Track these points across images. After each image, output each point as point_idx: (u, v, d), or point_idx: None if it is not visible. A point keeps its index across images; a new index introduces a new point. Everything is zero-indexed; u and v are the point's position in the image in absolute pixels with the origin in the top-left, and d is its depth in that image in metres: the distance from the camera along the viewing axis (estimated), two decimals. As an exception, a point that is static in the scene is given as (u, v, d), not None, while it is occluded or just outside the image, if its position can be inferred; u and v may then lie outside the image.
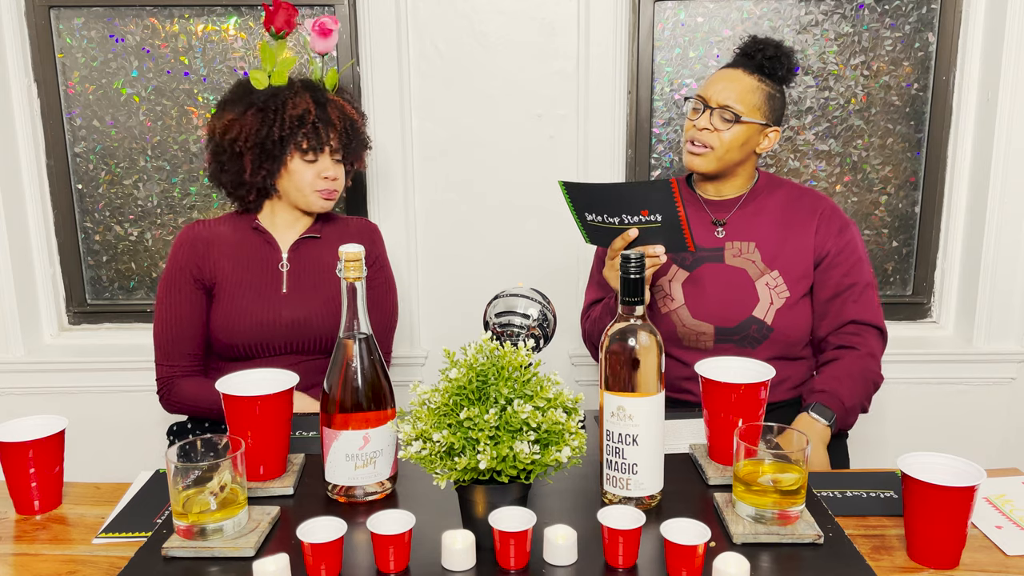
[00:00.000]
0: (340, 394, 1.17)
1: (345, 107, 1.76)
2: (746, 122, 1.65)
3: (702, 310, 1.69)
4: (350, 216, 1.90)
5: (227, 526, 1.07)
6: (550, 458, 1.02)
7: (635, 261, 1.10)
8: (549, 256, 2.27)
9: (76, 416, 1.63)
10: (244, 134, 1.69)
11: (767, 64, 1.68)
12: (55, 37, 2.26)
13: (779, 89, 1.71)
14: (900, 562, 1.09)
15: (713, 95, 1.67)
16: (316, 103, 1.72)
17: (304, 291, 1.74)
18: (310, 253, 1.78)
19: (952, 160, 2.29)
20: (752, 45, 1.71)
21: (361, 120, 1.81)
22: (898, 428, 2.34)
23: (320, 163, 1.72)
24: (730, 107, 1.65)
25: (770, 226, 1.71)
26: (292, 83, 1.75)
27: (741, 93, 1.66)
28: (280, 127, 1.68)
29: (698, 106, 1.69)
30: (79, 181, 2.36)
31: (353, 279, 1.17)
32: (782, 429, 1.14)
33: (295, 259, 1.76)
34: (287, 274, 1.75)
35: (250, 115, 1.69)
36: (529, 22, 2.16)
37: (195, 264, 1.72)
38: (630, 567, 1.01)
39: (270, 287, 1.73)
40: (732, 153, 1.67)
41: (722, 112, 1.65)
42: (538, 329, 1.37)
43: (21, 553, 1.16)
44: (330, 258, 1.78)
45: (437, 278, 2.32)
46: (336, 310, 1.72)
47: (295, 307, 1.72)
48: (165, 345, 1.72)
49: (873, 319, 1.68)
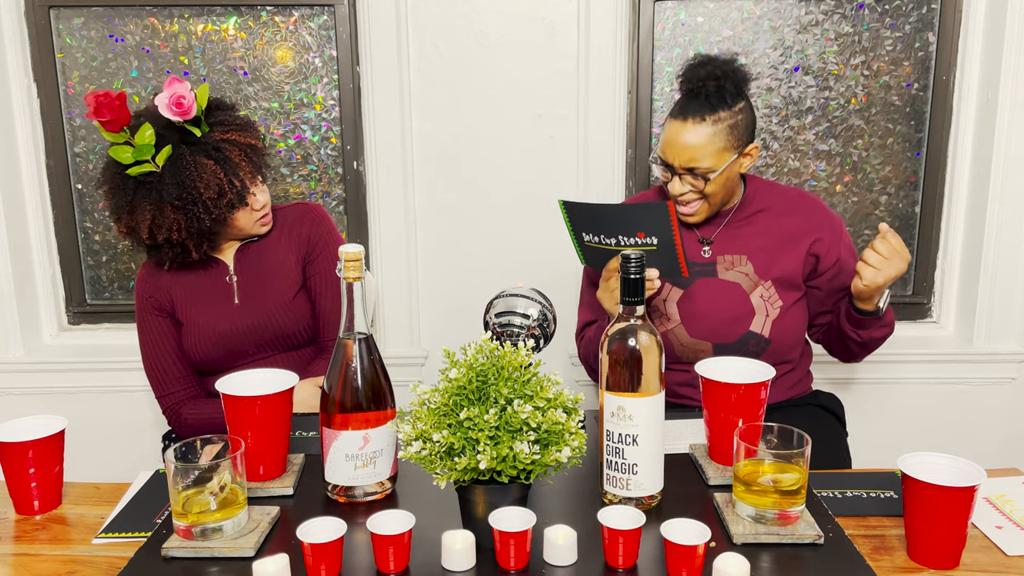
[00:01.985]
0: (340, 394, 1.17)
1: (236, 139, 1.66)
2: (721, 170, 1.57)
3: (699, 328, 1.66)
4: (284, 205, 1.85)
5: (227, 526, 1.07)
6: (550, 458, 1.02)
7: (635, 261, 1.10)
8: (549, 256, 2.27)
9: (76, 416, 1.63)
10: (176, 228, 1.61)
11: (715, 99, 1.56)
12: (55, 37, 2.26)
13: (739, 109, 1.58)
14: (900, 562, 1.09)
15: (675, 159, 1.58)
16: (216, 160, 1.61)
17: (255, 297, 1.75)
18: (253, 256, 1.77)
19: (952, 160, 2.29)
20: (694, 78, 1.58)
21: (250, 132, 1.71)
22: (898, 428, 2.34)
23: (252, 204, 1.69)
24: (696, 168, 1.57)
25: (761, 236, 1.67)
26: (170, 141, 1.59)
27: (701, 148, 1.55)
28: (208, 213, 1.61)
29: (666, 172, 1.61)
30: (79, 181, 2.36)
31: (353, 279, 1.17)
32: (782, 429, 1.14)
33: (241, 268, 1.76)
34: (236, 285, 1.75)
35: (169, 211, 1.60)
36: (529, 22, 2.16)
37: (153, 296, 1.75)
38: (630, 567, 1.01)
39: (222, 302, 1.74)
40: (719, 195, 1.62)
41: (691, 174, 1.58)
42: (538, 329, 1.37)
43: (21, 553, 1.16)
44: (274, 254, 1.77)
45: (437, 278, 2.32)
46: (289, 304, 1.75)
47: (250, 314, 1.73)
48: (157, 377, 1.75)
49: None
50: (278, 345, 1.76)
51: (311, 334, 1.79)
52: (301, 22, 2.25)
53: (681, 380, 1.70)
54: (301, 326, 1.76)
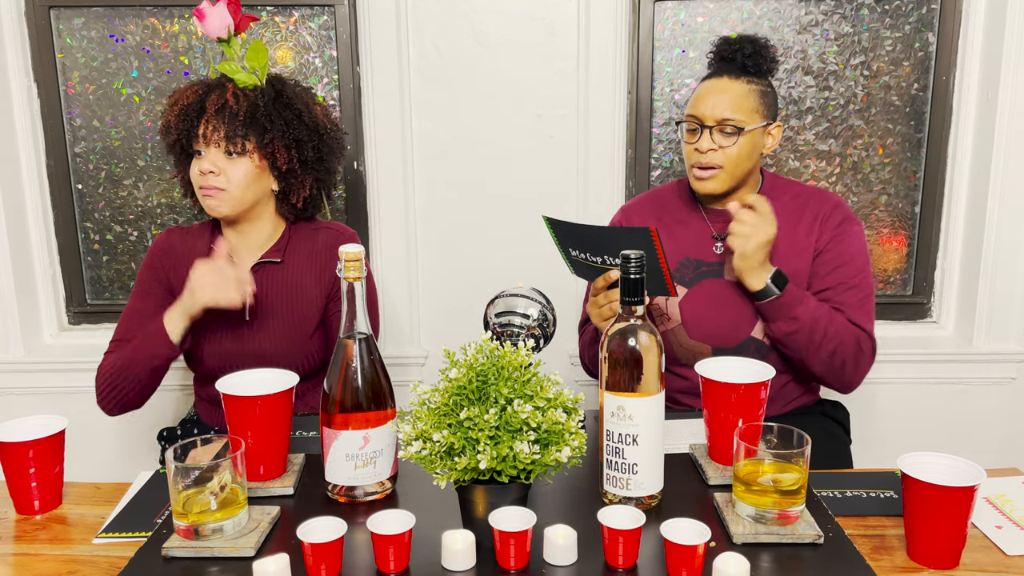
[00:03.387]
0: (340, 394, 1.17)
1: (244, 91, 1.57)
2: (750, 130, 1.59)
3: (700, 331, 1.64)
4: (321, 223, 1.74)
5: (227, 526, 1.07)
6: (550, 458, 1.02)
7: (635, 261, 1.10)
8: (549, 256, 2.26)
9: (76, 416, 1.63)
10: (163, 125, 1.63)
11: (750, 63, 1.61)
12: (55, 37, 2.26)
13: (768, 83, 1.64)
14: (900, 562, 1.09)
15: (707, 112, 1.59)
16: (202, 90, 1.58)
17: (269, 322, 1.65)
18: (273, 279, 1.67)
19: (952, 160, 2.29)
20: (727, 47, 1.63)
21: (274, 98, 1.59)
22: (898, 428, 2.34)
23: (203, 158, 1.57)
24: (729, 120, 1.57)
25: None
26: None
27: (735, 102, 1.58)
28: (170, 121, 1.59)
29: (693, 127, 1.61)
30: (79, 181, 2.36)
31: (353, 279, 1.17)
32: (782, 429, 1.14)
33: (257, 284, 1.62)
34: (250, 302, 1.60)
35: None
36: (529, 22, 2.16)
37: (165, 273, 1.68)
38: (630, 567, 1.01)
39: (232, 316, 1.63)
40: (743, 165, 1.61)
41: (722, 127, 1.58)
42: (538, 329, 1.37)
43: (21, 553, 1.16)
44: (294, 283, 1.67)
45: (437, 278, 2.32)
46: (300, 339, 1.66)
47: (260, 340, 1.65)
48: (122, 327, 1.66)
49: (858, 321, 1.59)
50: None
51: (316, 369, 1.71)
52: (301, 22, 2.25)
53: (681, 387, 1.69)
54: (311, 363, 1.68)
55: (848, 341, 1.56)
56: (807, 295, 1.56)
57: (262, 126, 1.58)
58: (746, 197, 1.57)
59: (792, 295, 1.54)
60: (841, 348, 1.56)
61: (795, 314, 1.53)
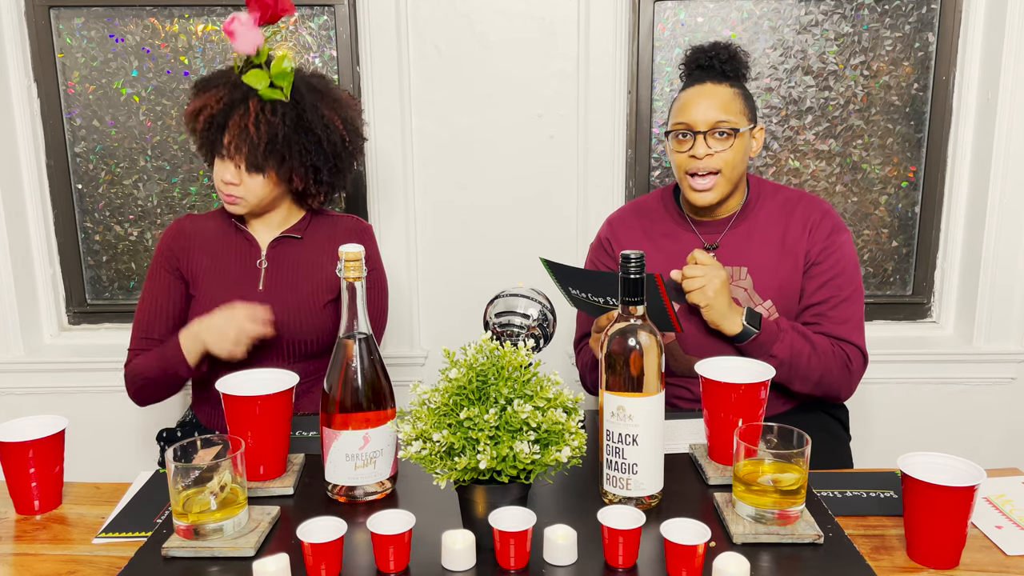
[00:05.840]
0: (340, 394, 1.17)
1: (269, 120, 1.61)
2: (743, 132, 1.60)
3: (695, 346, 1.63)
4: (341, 214, 1.84)
5: (227, 526, 1.07)
6: (550, 458, 1.02)
7: (635, 261, 1.10)
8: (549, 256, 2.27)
9: (76, 416, 1.64)
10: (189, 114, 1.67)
11: (728, 68, 1.63)
12: (55, 37, 2.26)
13: (745, 87, 1.66)
14: (900, 562, 1.09)
15: (698, 117, 1.59)
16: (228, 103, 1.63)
17: (281, 290, 1.70)
18: (289, 252, 1.74)
19: (952, 160, 2.29)
20: (703, 55, 1.65)
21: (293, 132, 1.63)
22: (898, 428, 2.34)
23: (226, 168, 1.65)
24: (722, 122, 1.58)
25: (763, 247, 1.65)
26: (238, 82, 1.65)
27: (724, 104, 1.59)
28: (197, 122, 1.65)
29: (684, 135, 1.61)
30: (79, 181, 2.36)
31: (353, 279, 1.17)
32: (782, 429, 1.14)
33: (273, 257, 1.72)
34: (264, 271, 1.71)
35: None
36: (529, 22, 2.16)
37: (176, 256, 1.72)
38: (630, 567, 1.01)
39: (246, 284, 1.70)
40: (738, 168, 1.61)
41: (715, 131, 1.58)
42: (538, 329, 1.37)
43: (21, 553, 1.16)
44: (310, 259, 1.74)
45: (437, 278, 2.32)
46: (311, 310, 1.70)
47: (271, 305, 1.66)
48: (139, 328, 1.71)
49: (849, 336, 1.61)
50: (283, 347, 1.70)
51: (324, 347, 1.73)
52: (301, 22, 2.25)
53: (679, 395, 1.69)
54: (319, 336, 1.71)
55: (834, 366, 1.59)
56: (784, 330, 1.56)
57: (280, 155, 1.64)
58: (687, 258, 1.57)
59: (769, 332, 1.54)
60: (827, 375, 1.59)
61: (776, 351, 1.54)
